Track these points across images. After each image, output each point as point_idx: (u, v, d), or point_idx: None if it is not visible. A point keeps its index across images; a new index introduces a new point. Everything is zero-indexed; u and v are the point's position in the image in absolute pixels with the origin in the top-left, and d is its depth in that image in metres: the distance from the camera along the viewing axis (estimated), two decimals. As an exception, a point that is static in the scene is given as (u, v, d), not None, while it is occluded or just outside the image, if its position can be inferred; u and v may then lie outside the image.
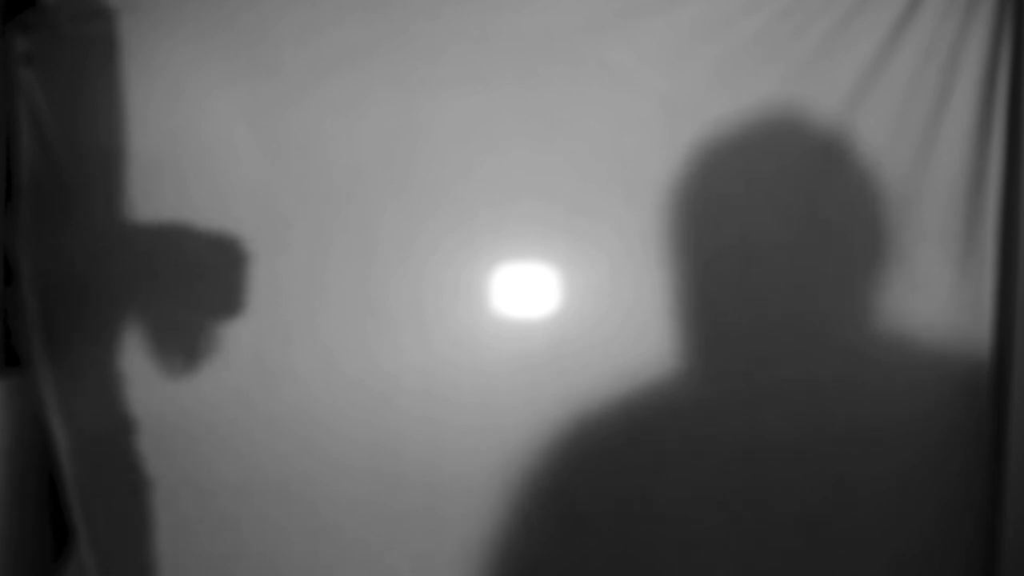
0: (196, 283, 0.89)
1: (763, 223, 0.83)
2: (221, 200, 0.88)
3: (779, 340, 0.84)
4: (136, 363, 0.90)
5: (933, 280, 0.82)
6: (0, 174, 0.89)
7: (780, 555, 0.86)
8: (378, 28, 0.86)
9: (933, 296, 0.82)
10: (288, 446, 0.90)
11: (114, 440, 0.91)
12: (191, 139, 0.88)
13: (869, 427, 0.83)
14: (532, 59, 0.84)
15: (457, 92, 0.85)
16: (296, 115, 0.87)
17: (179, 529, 0.93)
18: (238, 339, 0.89)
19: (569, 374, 0.86)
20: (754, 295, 0.84)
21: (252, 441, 0.90)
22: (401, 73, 0.86)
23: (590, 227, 0.85)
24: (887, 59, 0.80)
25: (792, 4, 0.81)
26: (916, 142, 0.81)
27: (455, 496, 0.88)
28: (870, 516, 0.85)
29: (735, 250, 0.84)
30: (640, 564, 0.88)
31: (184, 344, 0.89)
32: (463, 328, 0.87)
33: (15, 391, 0.90)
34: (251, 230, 0.88)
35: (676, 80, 0.83)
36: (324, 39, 0.86)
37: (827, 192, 0.82)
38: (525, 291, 0.87)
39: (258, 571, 0.92)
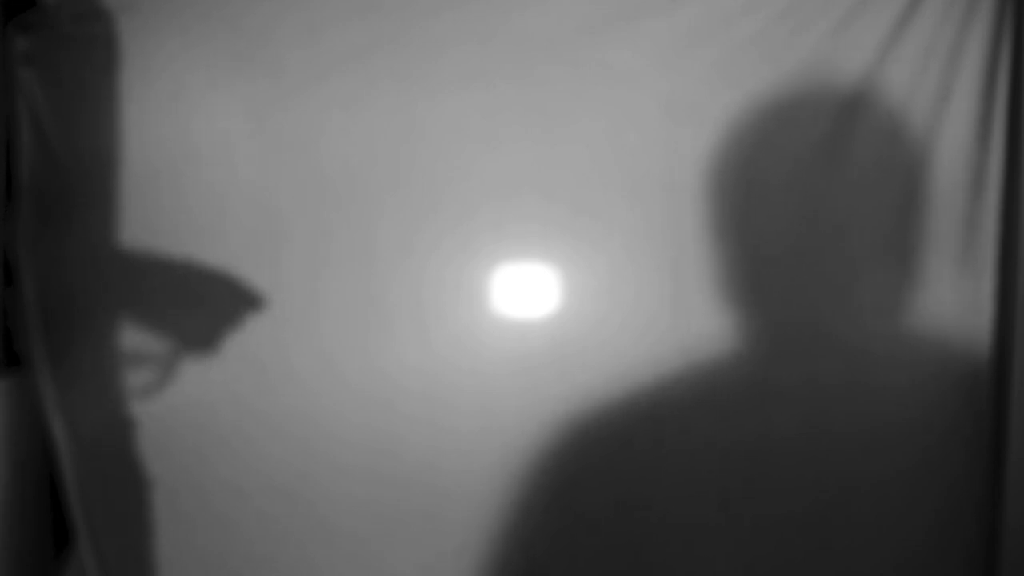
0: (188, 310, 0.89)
1: (763, 224, 0.83)
2: (220, 200, 0.88)
3: (780, 340, 0.84)
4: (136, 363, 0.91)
5: (933, 280, 0.82)
6: (0, 174, 0.89)
7: (780, 555, 0.86)
8: (379, 29, 0.86)
9: (933, 296, 0.82)
10: (288, 446, 0.90)
11: (114, 440, 0.91)
12: (191, 139, 0.88)
13: (869, 426, 0.84)
14: (533, 60, 0.84)
15: (458, 93, 0.85)
16: (297, 115, 0.87)
17: (179, 529, 0.93)
18: (237, 339, 0.89)
19: (569, 374, 0.86)
20: (753, 295, 0.84)
21: (252, 441, 0.90)
22: (403, 73, 0.86)
23: (590, 227, 0.85)
24: (887, 59, 0.80)
25: (791, 5, 0.81)
26: (916, 142, 0.81)
27: (455, 496, 0.88)
28: (870, 516, 0.85)
29: (735, 250, 0.84)
30: (641, 563, 0.88)
31: (152, 366, 0.89)
32: (463, 328, 0.87)
33: (15, 391, 0.90)
34: (250, 230, 0.88)
35: (676, 80, 0.83)
36: (325, 40, 0.86)
37: (828, 193, 0.82)
38: (525, 291, 0.87)
39: (258, 571, 0.92)
